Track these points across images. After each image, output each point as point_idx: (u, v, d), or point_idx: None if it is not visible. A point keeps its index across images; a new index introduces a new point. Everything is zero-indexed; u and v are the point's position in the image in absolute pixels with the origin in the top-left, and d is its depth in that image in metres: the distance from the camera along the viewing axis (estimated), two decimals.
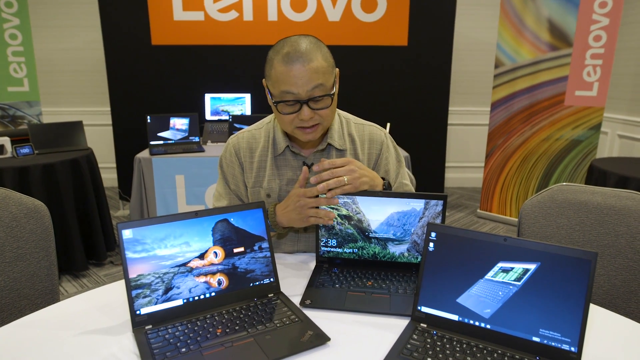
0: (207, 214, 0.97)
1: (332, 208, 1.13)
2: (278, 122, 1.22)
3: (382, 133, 1.34)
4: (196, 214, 0.96)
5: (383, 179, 1.20)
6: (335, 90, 1.15)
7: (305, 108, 1.10)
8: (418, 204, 1.10)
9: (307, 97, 1.09)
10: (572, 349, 0.79)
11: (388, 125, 2.90)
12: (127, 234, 0.89)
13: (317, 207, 1.12)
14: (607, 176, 2.53)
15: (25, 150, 2.77)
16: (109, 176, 4.51)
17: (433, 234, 0.91)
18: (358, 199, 1.12)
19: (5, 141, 2.74)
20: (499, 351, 0.82)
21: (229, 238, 0.98)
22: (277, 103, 1.12)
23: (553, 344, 0.80)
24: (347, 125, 1.32)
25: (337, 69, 1.19)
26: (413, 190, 1.37)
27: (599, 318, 0.97)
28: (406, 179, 1.36)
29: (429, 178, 3.99)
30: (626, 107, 3.84)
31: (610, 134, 4.02)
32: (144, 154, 3.04)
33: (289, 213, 1.15)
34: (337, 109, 1.34)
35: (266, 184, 1.27)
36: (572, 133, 3.37)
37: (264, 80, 1.19)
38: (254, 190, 1.28)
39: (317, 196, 1.12)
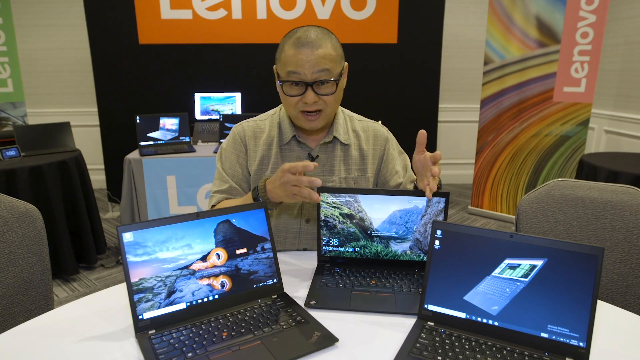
0: (209, 216, 0.95)
1: (334, 207, 1.12)
2: (284, 106, 1.25)
3: (384, 130, 1.38)
4: (197, 216, 0.94)
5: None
6: (341, 79, 1.19)
7: (310, 91, 1.14)
8: (420, 202, 1.10)
9: (312, 80, 1.14)
10: (581, 344, 0.79)
11: (379, 122, 2.90)
12: (127, 237, 0.87)
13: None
14: (597, 171, 2.56)
15: (11, 153, 2.70)
16: (97, 177, 4.44)
17: (438, 232, 0.91)
18: (360, 197, 1.12)
19: None
20: (508, 348, 0.82)
21: (231, 239, 0.97)
22: (283, 83, 1.16)
23: (561, 339, 0.80)
24: (350, 122, 1.35)
25: (346, 63, 1.23)
26: None
27: (600, 312, 0.97)
28: (412, 174, 1.39)
29: None
30: (612, 103, 3.90)
31: (597, 130, 4.09)
32: (134, 154, 2.99)
33: (276, 189, 1.10)
34: (342, 108, 1.37)
35: (269, 172, 1.28)
36: (561, 129, 3.41)
37: (274, 66, 1.22)
38: (255, 178, 1.30)
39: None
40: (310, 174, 1.28)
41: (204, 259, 0.94)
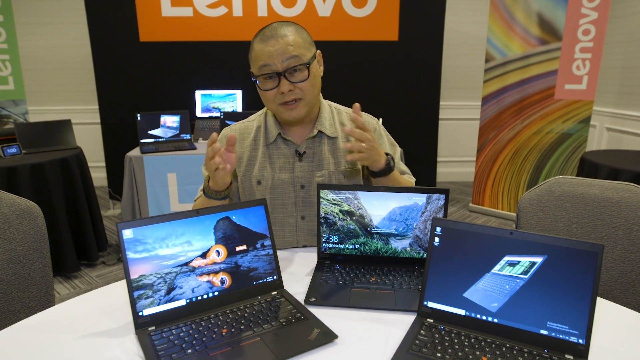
0: (209, 212, 0.95)
1: (334, 204, 1.12)
2: (264, 103, 1.26)
3: (373, 121, 1.37)
4: (197, 213, 0.94)
5: (387, 154, 1.21)
6: (313, 63, 1.20)
7: (283, 80, 1.16)
8: (420, 199, 1.10)
9: (283, 69, 1.16)
10: (580, 341, 0.79)
11: (380, 120, 2.90)
12: (127, 233, 0.87)
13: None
14: (598, 169, 2.56)
15: (13, 150, 2.71)
16: (99, 175, 4.45)
17: (438, 229, 0.91)
18: (360, 194, 1.12)
19: None
20: (507, 345, 0.82)
21: (231, 236, 0.97)
22: (257, 78, 1.19)
23: (561, 336, 0.80)
24: (338, 115, 1.35)
25: (319, 51, 1.24)
26: (410, 174, 1.40)
27: (600, 309, 0.97)
28: (402, 165, 1.39)
29: (420, 173, 4.00)
30: (614, 101, 3.89)
31: (598, 127, 4.08)
32: (135, 152, 2.99)
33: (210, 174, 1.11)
34: (329, 102, 1.37)
35: (257, 171, 1.29)
36: (563, 126, 3.41)
37: (251, 70, 1.24)
38: (244, 179, 1.31)
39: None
40: (301, 171, 1.29)
41: (203, 255, 0.94)
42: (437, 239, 0.91)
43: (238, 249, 0.97)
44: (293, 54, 1.15)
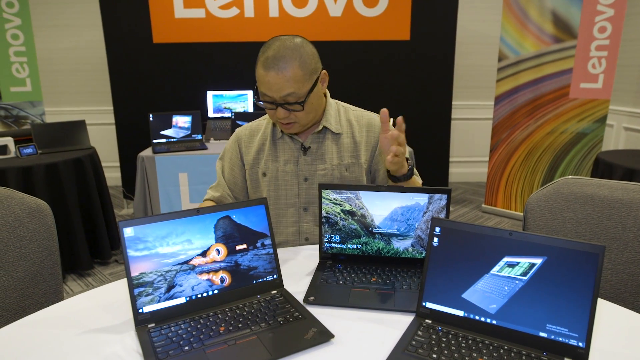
0: (209, 211, 0.96)
1: (335, 203, 1.12)
2: None
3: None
4: (198, 211, 0.95)
5: (407, 159, 1.22)
6: (314, 91, 1.21)
7: (280, 109, 1.21)
8: (422, 199, 1.09)
9: (280, 102, 1.20)
10: (580, 344, 0.78)
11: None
12: (128, 232, 0.89)
13: None
14: (613, 169, 2.51)
15: (29, 150, 2.77)
16: (113, 175, 4.52)
17: (437, 229, 0.90)
18: (361, 194, 1.11)
19: (9, 141, 2.74)
20: (505, 347, 0.81)
21: (231, 235, 0.98)
22: (258, 100, 1.24)
23: (560, 339, 0.79)
24: (345, 112, 1.39)
25: (324, 71, 1.26)
26: (418, 174, 1.38)
27: (607, 312, 0.95)
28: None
29: (433, 173, 3.97)
30: (632, 99, 3.80)
31: (615, 127, 3.99)
32: (147, 152, 3.04)
33: None
34: (337, 100, 1.40)
35: (263, 164, 1.36)
36: (578, 126, 3.34)
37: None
38: (252, 171, 1.39)
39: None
40: (305, 164, 1.34)
41: (203, 254, 0.95)
42: (436, 239, 0.90)
43: (238, 247, 0.98)
44: (290, 92, 1.17)
